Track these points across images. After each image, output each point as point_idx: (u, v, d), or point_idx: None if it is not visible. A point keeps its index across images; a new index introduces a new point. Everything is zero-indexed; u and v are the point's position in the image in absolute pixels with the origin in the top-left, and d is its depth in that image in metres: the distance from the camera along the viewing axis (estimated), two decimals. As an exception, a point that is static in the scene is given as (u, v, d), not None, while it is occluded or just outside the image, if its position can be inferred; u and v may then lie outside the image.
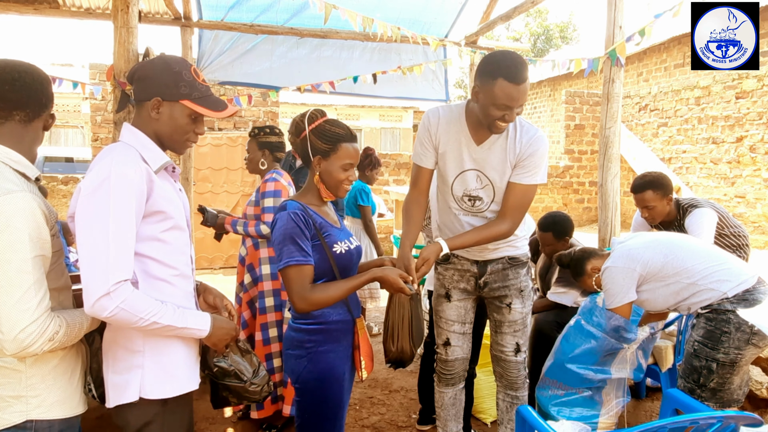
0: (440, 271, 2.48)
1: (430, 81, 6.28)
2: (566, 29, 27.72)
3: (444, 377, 2.54)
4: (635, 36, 3.61)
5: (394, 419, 3.23)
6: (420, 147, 2.27)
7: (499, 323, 2.46)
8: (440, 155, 2.26)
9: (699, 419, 1.42)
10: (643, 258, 2.43)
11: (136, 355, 1.46)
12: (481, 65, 2.07)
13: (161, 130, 1.53)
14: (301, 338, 1.82)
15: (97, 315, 1.34)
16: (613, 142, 3.71)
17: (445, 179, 2.29)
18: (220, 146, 8.23)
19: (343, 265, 1.84)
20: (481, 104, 2.05)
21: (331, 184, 1.85)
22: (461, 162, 2.22)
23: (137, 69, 1.54)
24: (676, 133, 10.35)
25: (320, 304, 1.75)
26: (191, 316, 1.49)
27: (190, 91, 1.53)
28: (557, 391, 2.56)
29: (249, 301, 3.04)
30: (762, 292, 2.27)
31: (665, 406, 1.94)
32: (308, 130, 1.83)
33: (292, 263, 1.70)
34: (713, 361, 2.22)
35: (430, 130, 2.24)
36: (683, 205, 3.24)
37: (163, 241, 1.48)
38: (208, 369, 1.62)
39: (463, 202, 2.29)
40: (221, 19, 5.10)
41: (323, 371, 1.80)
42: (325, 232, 1.81)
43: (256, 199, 2.97)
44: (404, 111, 20.70)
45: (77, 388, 1.50)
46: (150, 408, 1.48)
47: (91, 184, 1.38)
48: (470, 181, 2.23)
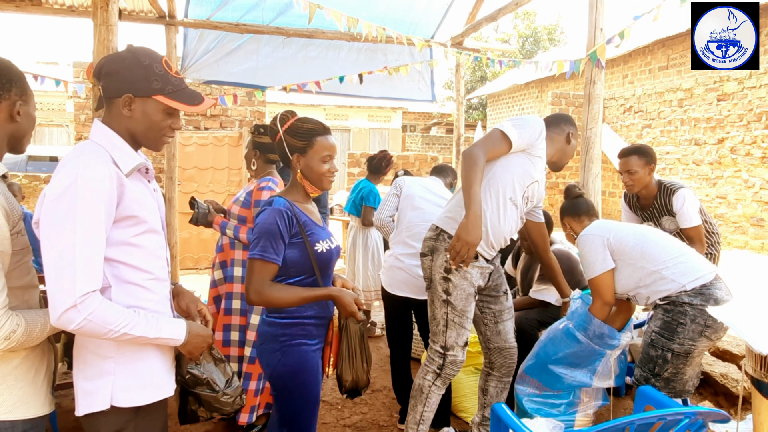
0: (467, 270, 2.42)
1: (416, 81, 6.31)
2: (554, 31, 27.91)
3: (449, 378, 2.52)
4: (615, 38, 3.66)
5: (376, 419, 3.23)
6: (522, 133, 2.37)
7: (498, 313, 2.57)
8: (532, 154, 2.43)
9: (666, 415, 1.45)
10: (617, 233, 2.53)
11: (107, 361, 1.39)
12: (573, 120, 2.62)
13: (135, 128, 1.45)
14: (275, 332, 1.85)
15: (64, 327, 1.28)
16: (594, 143, 3.76)
17: (530, 177, 2.44)
18: (206, 146, 8.18)
19: (322, 263, 1.88)
20: (572, 149, 2.60)
21: (314, 179, 1.89)
22: (542, 172, 2.50)
23: (104, 64, 1.45)
24: (659, 135, 10.47)
25: (271, 303, 1.78)
26: (165, 324, 1.42)
27: (163, 85, 1.44)
28: (534, 389, 2.60)
29: (216, 296, 3.01)
30: (718, 288, 2.35)
31: (638, 402, 1.97)
32: (282, 132, 1.87)
33: (259, 257, 1.74)
34: (668, 351, 2.31)
35: (538, 131, 2.41)
36: (665, 184, 3.30)
37: (136, 246, 1.42)
38: (180, 376, 1.56)
39: (525, 200, 2.47)
40: (207, 17, 5.08)
41: (297, 364, 1.83)
42: (309, 230, 1.85)
43: (245, 201, 2.89)
44: (393, 111, 20.73)
45: (42, 387, 1.44)
46: (122, 416, 1.41)
47: (57, 189, 1.29)
48: (542, 189, 2.56)
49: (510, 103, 18.82)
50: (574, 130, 2.63)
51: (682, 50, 11.82)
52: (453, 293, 2.41)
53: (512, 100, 18.71)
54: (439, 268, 2.43)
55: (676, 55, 12.01)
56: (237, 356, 2.93)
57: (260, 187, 2.85)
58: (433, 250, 2.48)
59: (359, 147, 19.38)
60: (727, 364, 3.49)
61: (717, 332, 2.30)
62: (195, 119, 8.49)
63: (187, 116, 8.56)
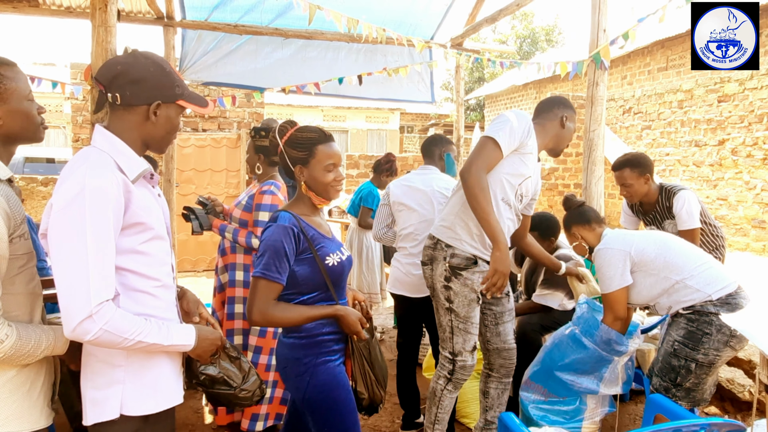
0: (467, 276, 2.42)
1: (416, 83, 6.27)
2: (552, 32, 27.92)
3: (460, 382, 2.53)
4: (619, 39, 3.62)
5: (378, 424, 3.19)
6: (511, 136, 2.33)
7: (500, 314, 2.57)
8: (522, 152, 2.39)
9: (681, 427, 1.41)
10: (638, 245, 2.46)
11: (117, 370, 1.38)
12: (568, 101, 2.58)
13: (156, 133, 1.46)
14: (296, 355, 1.79)
15: (79, 338, 1.26)
16: (597, 145, 3.72)
17: (521, 176, 2.41)
18: (204, 147, 8.14)
19: (335, 277, 1.83)
20: (569, 132, 2.55)
21: (320, 189, 1.82)
22: (534, 166, 2.46)
23: (122, 72, 1.41)
24: (659, 136, 10.45)
25: (275, 323, 1.74)
26: (176, 331, 1.42)
27: (183, 89, 1.48)
28: (540, 396, 2.56)
29: (222, 301, 2.98)
30: (742, 297, 2.30)
31: (648, 411, 1.93)
32: (282, 144, 1.81)
33: (264, 277, 1.69)
34: (692, 361, 2.24)
35: (525, 128, 2.38)
36: (666, 187, 3.26)
37: (143, 253, 1.40)
38: (195, 378, 1.57)
39: (518, 198, 2.46)
40: (205, 19, 5.03)
41: (327, 383, 1.78)
42: (318, 244, 1.78)
43: (247, 205, 2.86)
44: (391, 113, 20.71)
45: (38, 401, 1.41)
46: (131, 424, 1.40)
47: (64, 199, 1.27)
48: (537, 182, 2.53)
49: (508, 104, 18.80)
50: (570, 113, 2.55)
51: (682, 51, 11.80)
52: (455, 300, 2.42)
53: (510, 101, 18.69)
54: (440, 276, 2.44)
55: (676, 56, 12.00)
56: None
57: (262, 190, 2.82)
58: (432, 259, 2.48)
59: (357, 148, 19.36)
60: (733, 369, 3.45)
61: (741, 342, 2.25)
62: (193, 121, 8.43)
63: (185, 118, 8.50)
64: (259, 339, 2.83)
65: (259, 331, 2.83)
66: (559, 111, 2.53)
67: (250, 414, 2.84)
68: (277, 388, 2.90)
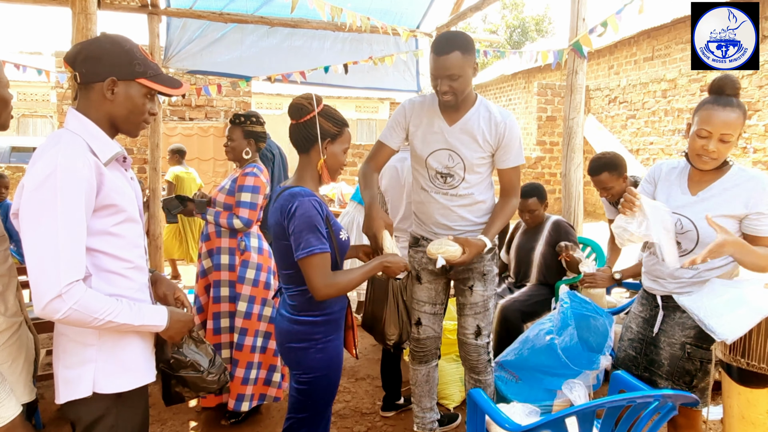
0: (411, 254, 2.58)
1: (402, 72, 6.29)
2: (542, 22, 27.95)
3: (417, 355, 2.66)
4: (597, 28, 3.68)
5: (359, 406, 3.27)
6: (390, 129, 2.46)
7: (461, 305, 2.56)
8: (412, 135, 2.43)
9: (636, 398, 1.49)
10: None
11: (89, 349, 1.40)
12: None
13: (116, 112, 1.45)
14: (307, 330, 1.82)
15: (49, 317, 1.28)
16: (576, 133, 3.79)
17: (419, 158, 2.43)
18: (191, 136, 8.14)
19: (342, 252, 1.87)
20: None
21: (335, 168, 1.87)
22: (434, 141, 2.38)
23: (81, 49, 1.42)
24: (643, 125, 10.56)
25: (344, 289, 1.75)
26: (148, 311, 1.44)
27: (145, 68, 1.45)
28: (511, 377, 2.64)
29: (206, 286, 3.03)
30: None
31: (612, 387, 2.01)
32: (317, 112, 1.80)
33: (317, 251, 1.69)
34: (709, 361, 2.04)
35: (405, 114, 2.43)
36: (639, 181, 3.33)
37: (115, 235, 1.42)
38: (163, 361, 1.57)
39: (436, 179, 2.41)
40: (190, 7, 5.02)
41: (332, 359, 1.84)
42: (331, 219, 1.83)
43: (230, 189, 2.93)
44: (380, 102, 20.68)
45: (20, 377, 1.44)
46: (103, 402, 1.42)
47: (36, 179, 1.28)
48: (443, 159, 2.38)
49: (497, 94, 18.85)
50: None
51: (667, 41, 11.90)
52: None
53: (499, 91, 18.74)
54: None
55: (661, 46, 12.09)
56: (228, 342, 2.96)
57: (245, 172, 2.91)
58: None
59: (347, 138, 19.29)
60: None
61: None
62: (180, 110, 8.42)
63: (171, 106, 8.48)
64: (245, 321, 2.89)
65: (245, 313, 2.88)
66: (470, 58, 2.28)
67: (236, 395, 2.90)
68: (261, 369, 2.96)
